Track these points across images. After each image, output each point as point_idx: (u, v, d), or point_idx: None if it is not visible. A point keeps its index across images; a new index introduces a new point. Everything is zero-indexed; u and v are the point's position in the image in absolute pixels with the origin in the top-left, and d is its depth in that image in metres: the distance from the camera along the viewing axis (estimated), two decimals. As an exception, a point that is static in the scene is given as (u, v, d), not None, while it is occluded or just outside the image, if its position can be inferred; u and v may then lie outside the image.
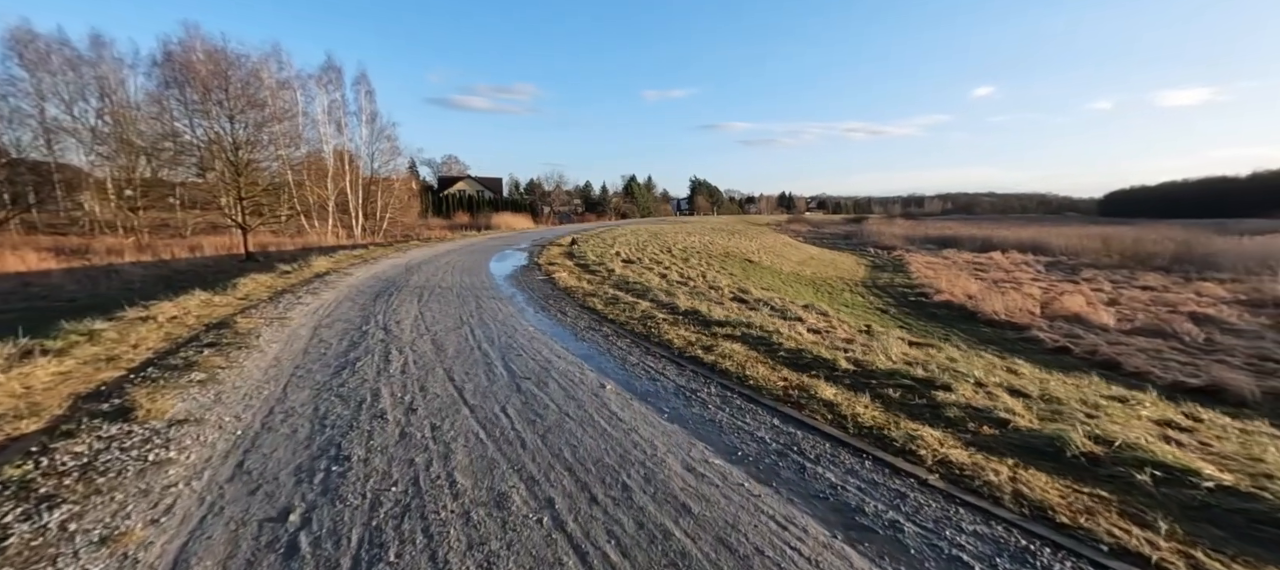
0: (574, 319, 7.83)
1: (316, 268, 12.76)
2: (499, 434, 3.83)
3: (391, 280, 11.29)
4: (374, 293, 9.76)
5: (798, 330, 6.86)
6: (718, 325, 7.03)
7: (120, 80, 33.85)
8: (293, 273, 11.95)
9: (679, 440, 3.75)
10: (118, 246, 27.85)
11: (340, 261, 14.60)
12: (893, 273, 32.70)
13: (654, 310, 8.24)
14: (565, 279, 11.82)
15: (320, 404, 4.37)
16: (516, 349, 6.11)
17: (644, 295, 9.69)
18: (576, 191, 75.36)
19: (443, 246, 20.99)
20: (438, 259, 15.77)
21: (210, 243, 29.81)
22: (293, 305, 8.46)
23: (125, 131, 32.37)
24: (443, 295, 9.58)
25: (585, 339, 6.68)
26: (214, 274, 23.36)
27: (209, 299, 8.52)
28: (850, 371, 5.14)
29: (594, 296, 9.50)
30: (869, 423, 3.87)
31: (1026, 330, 17.79)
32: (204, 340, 6.18)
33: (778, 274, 27.73)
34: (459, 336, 6.65)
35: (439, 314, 7.95)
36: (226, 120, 27.50)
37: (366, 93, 38.06)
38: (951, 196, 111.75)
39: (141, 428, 3.77)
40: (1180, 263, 30.15)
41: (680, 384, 4.94)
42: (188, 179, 32.30)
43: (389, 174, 40.81)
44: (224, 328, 6.76)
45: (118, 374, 4.93)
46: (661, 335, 6.64)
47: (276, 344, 6.15)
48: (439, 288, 10.40)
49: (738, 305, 9.78)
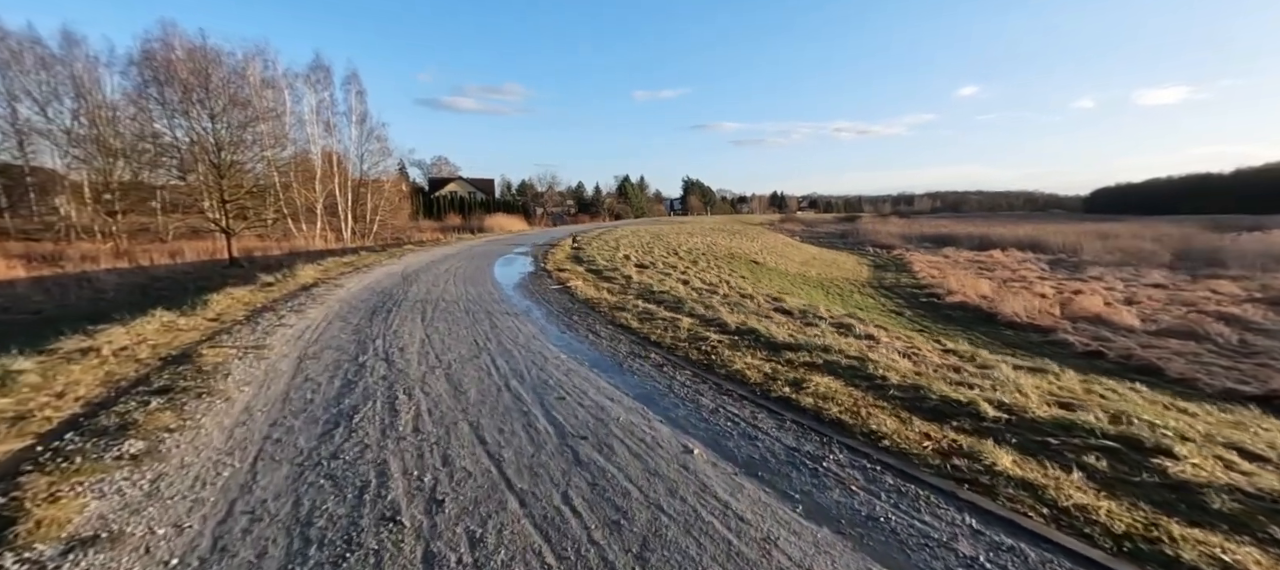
0: (611, 341, 6.49)
1: (303, 278, 11.24)
2: (573, 553, 2.50)
3: (388, 292, 9.86)
4: (369, 309, 8.33)
5: (889, 356, 5.59)
6: (789, 350, 5.74)
7: (95, 79, 31.75)
8: (276, 284, 10.44)
9: (847, 562, 2.45)
10: (93, 253, 25.94)
11: (329, 270, 13.09)
12: (897, 272, 31.70)
13: (700, 328, 6.93)
14: (582, 288, 10.47)
15: (303, 494, 2.99)
16: (554, 386, 4.76)
17: (679, 308, 8.37)
18: (569, 192, 73.81)
19: (439, 251, 19.49)
20: (436, 265, 14.32)
21: (192, 248, 27.94)
22: (273, 327, 7.01)
23: (102, 133, 30.37)
24: (449, 311, 8.19)
25: (633, 369, 5.34)
26: (195, 281, 21.64)
27: (172, 322, 7.04)
28: (1003, 420, 3.87)
29: (623, 311, 8.16)
30: (1123, 529, 2.58)
31: (1051, 333, 16.74)
32: (155, 383, 4.75)
33: (784, 275, 26.55)
34: (478, 369, 5.29)
35: (449, 337, 6.57)
36: (207, 120, 25.77)
37: (357, 92, 36.28)
38: (940, 195, 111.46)
39: (14, 567, 2.36)
40: (1182, 260, 29.46)
41: (789, 446, 3.62)
42: (169, 182, 30.43)
43: (379, 175, 39.03)
44: (184, 363, 5.32)
45: (18, 447, 3.51)
46: (727, 364, 5.33)
47: (248, 387, 4.73)
48: (443, 301, 9.00)
49: (786, 318, 8.50)
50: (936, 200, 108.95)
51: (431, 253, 18.52)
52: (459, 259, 16.06)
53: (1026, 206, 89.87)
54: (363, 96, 36.65)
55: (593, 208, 68.25)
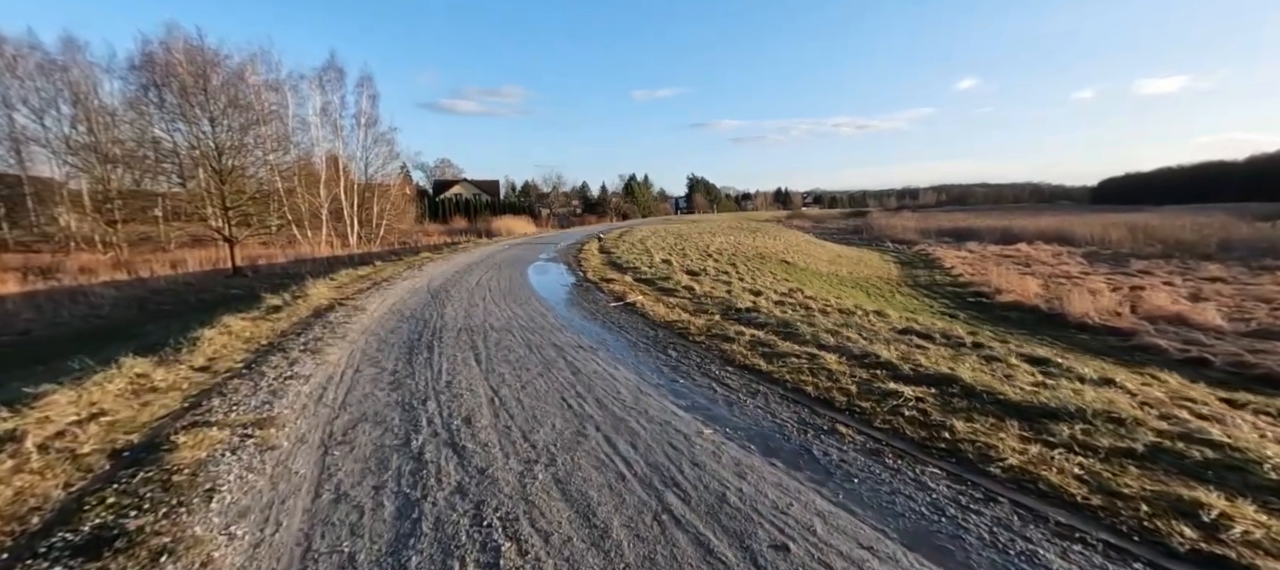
0: (753, 396, 4.50)
1: (315, 299, 9.23)
2: None
3: (420, 317, 7.88)
4: (404, 344, 6.36)
5: (1137, 404, 3.63)
6: (1046, 417, 3.79)
7: (94, 85, 29.69)
8: (283, 309, 8.45)
9: None
10: (92, 264, 23.95)
11: (344, 286, 11.09)
12: (927, 269, 29.72)
13: (858, 368, 4.98)
14: (649, 305, 8.52)
15: None
16: (738, 508, 2.82)
17: (792, 334, 6.41)
18: (574, 192, 71.73)
19: (460, 259, 17.49)
20: (463, 278, 12.35)
21: (195, 257, 25.89)
22: (282, 382, 5.03)
23: (99, 140, 28.38)
24: (505, 344, 6.23)
25: (841, 464, 3.34)
26: (196, 294, 19.58)
27: (145, 375, 5.05)
28: None
29: (726, 340, 6.20)
30: None
31: (1132, 337, 14.76)
32: (85, 522, 2.80)
33: (818, 275, 24.60)
34: (597, 464, 3.34)
35: (525, 393, 4.62)
36: (207, 124, 23.76)
37: (370, 95, 34.25)
38: (945, 188, 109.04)
39: None
40: (1226, 251, 27.54)
41: None
42: (170, 189, 28.44)
43: (384, 179, 36.95)
44: (147, 464, 3.36)
45: None
46: (987, 451, 3.36)
47: (243, 523, 2.78)
48: (491, 329, 7.04)
49: (942, 346, 6.54)
50: (942, 194, 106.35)
51: (452, 261, 16.52)
52: (485, 269, 14.07)
53: (1033, 198, 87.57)
54: (376, 100, 34.64)
55: (599, 208, 66.12)
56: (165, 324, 11.45)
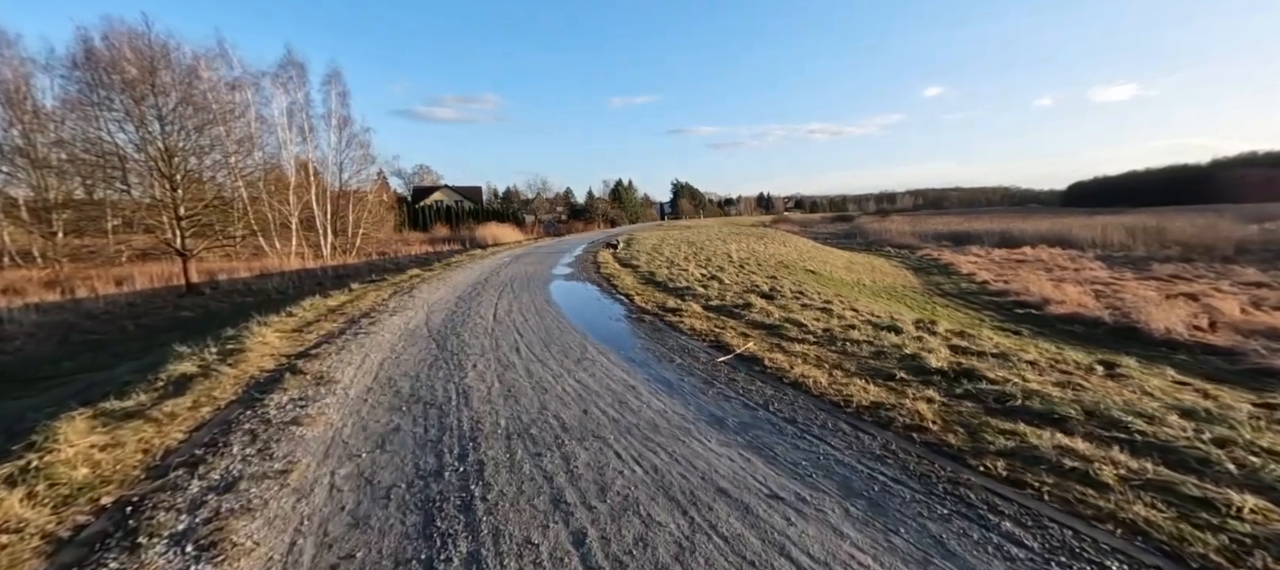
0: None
1: (252, 362, 6.01)
2: None
3: (430, 398, 4.86)
4: (416, 495, 3.37)
5: None
6: None
7: (26, 80, 25.23)
8: (188, 390, 5.20)
9: None
10: (19, 283, 19.80)
11: (306, 329, 7.84)
12: (942, 275, 27.58)
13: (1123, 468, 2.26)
14: (768, 355, 5.69)
15: None
16: None
17: (1004, 410, 3.66)
18: (558, 198, 68.45)
19: (456, 277, 14.31)
20: (472, 308, 9.28)
21: (144, 272, 21.87)
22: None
23: (31, 143, 24.07)
24: (608, 476, 3.32)
25: None
26: (135, 321, 15.96)
27: None
28: None
29: (970, 435, 3.42)
30: None
31: (1234, 355, 12.49)
32: None
33: (842, 284, 22.16)
34: None
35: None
36: (156, 123, 20.02)
37: (338, 94, 30.42)
38: (921, 192, 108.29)
39: None
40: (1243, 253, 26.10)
41: None
42: (116, 196, 24.18)
43: (360, 185, 33.15)
44: None
45: None
46: None
47: None
48: (562, 426, 4.11)
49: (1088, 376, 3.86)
50: (918, 198, 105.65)
51: (448, 281, 13.33)
52: (496, 293, 10.96)
53: (1004, 201, 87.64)
54: (345, 98, 30.84)
55: (585, 214, 62.95)
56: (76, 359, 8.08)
